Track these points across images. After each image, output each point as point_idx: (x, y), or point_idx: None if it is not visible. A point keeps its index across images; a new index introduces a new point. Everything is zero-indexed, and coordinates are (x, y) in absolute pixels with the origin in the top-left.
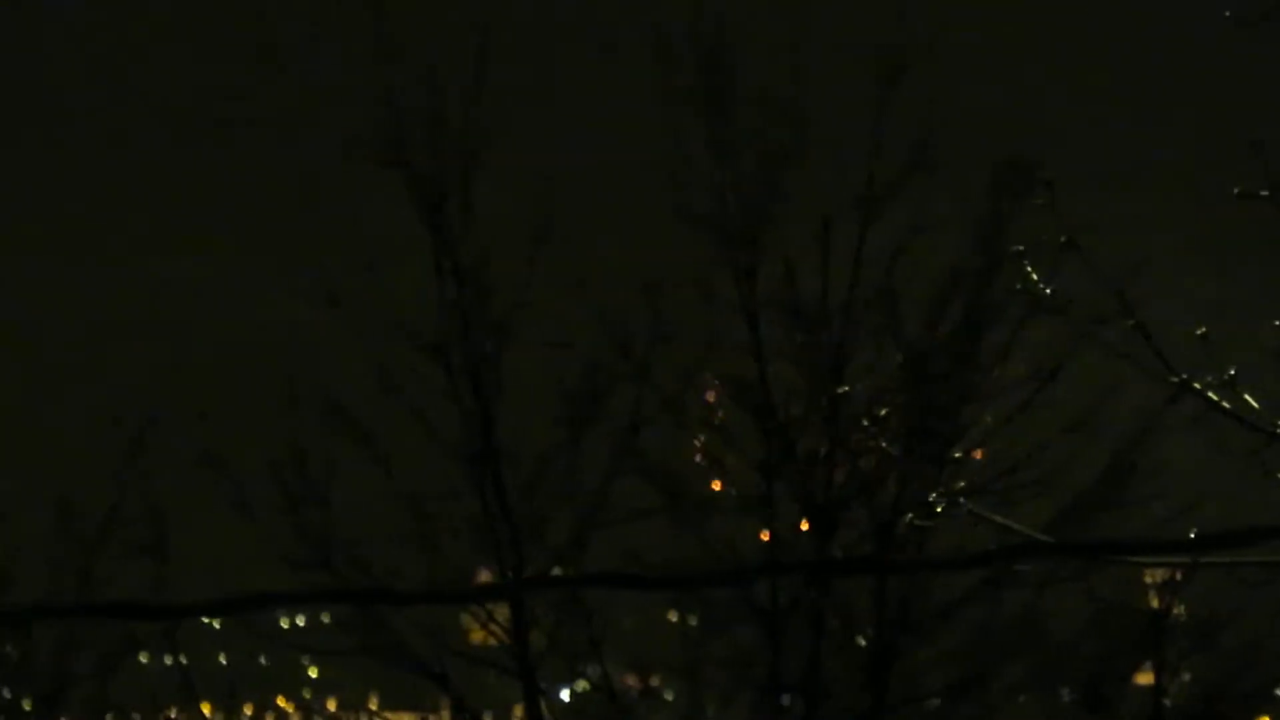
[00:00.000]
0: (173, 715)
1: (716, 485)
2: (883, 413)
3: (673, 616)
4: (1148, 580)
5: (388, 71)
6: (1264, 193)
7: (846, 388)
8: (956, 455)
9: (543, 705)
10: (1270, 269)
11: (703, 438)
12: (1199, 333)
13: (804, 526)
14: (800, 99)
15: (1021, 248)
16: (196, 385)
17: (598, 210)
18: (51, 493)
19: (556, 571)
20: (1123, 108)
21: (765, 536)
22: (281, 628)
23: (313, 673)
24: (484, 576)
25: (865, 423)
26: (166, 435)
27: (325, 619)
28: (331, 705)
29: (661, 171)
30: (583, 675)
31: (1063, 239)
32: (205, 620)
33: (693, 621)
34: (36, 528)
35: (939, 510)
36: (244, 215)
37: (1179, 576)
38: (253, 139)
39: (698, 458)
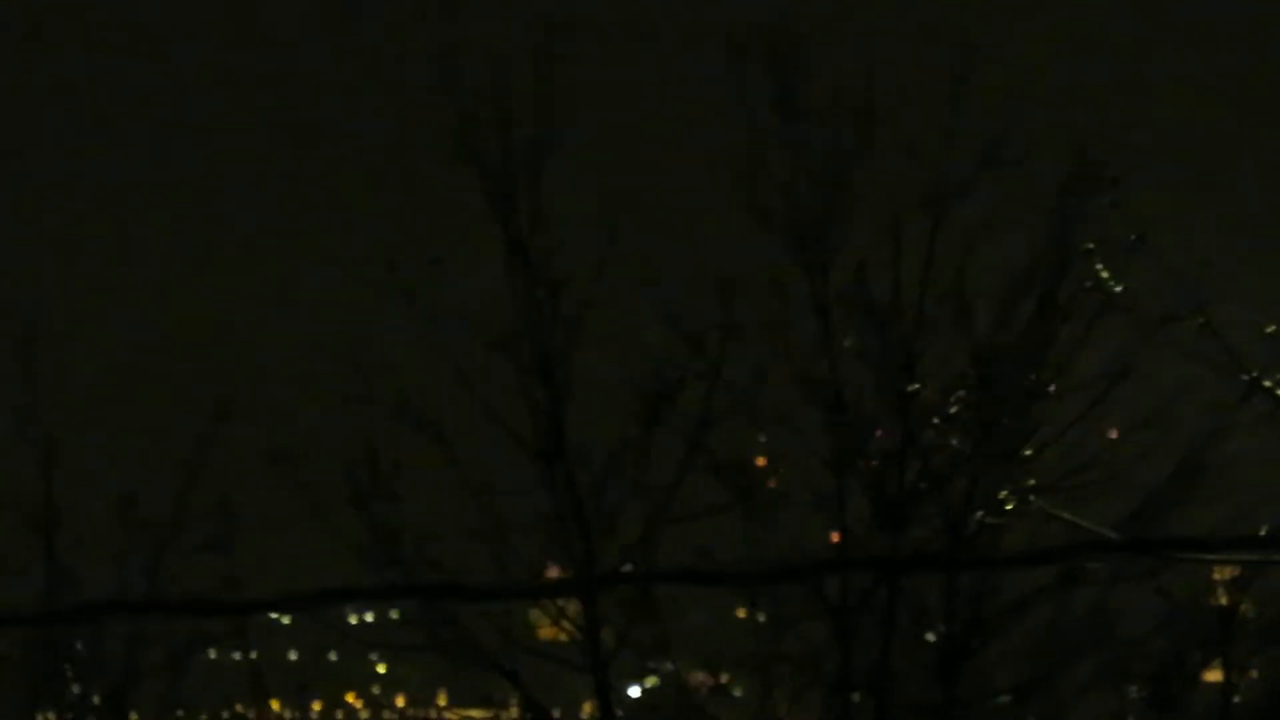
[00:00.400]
0: (242, 711)
1: (771, 483)
2: (953, 410)
3: (742, 613)
4: (1217, 577)
5: (460, 71)
6: None
7: (917, 385)
8: (1027, 453)
9: (613, 702)
10: None
11: (771, 435)
12: (1269, 330)
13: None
14: (872, 98)
15: (1092, 245)
16: (268, 382)
17: (669, 207)
18: (121, 487)
19: (627, 568)
20: (1195, 103)
21: (836, 534)
22: (351, 624)
23: (381, 669)
24: (553, 573)
25: (936, 420)
26: (237, 431)
27: (395, 615)
28: (400, 701)
29: (734, 169)
30: (653, 672)
31: (1132, 237)
32: (274, 616)
33: (762, 618)
34: (103, 523)
35: (1009, 507)
36: (314, 212)
37: (1248, 574)
38: (324, 137)
39: (762, 460)
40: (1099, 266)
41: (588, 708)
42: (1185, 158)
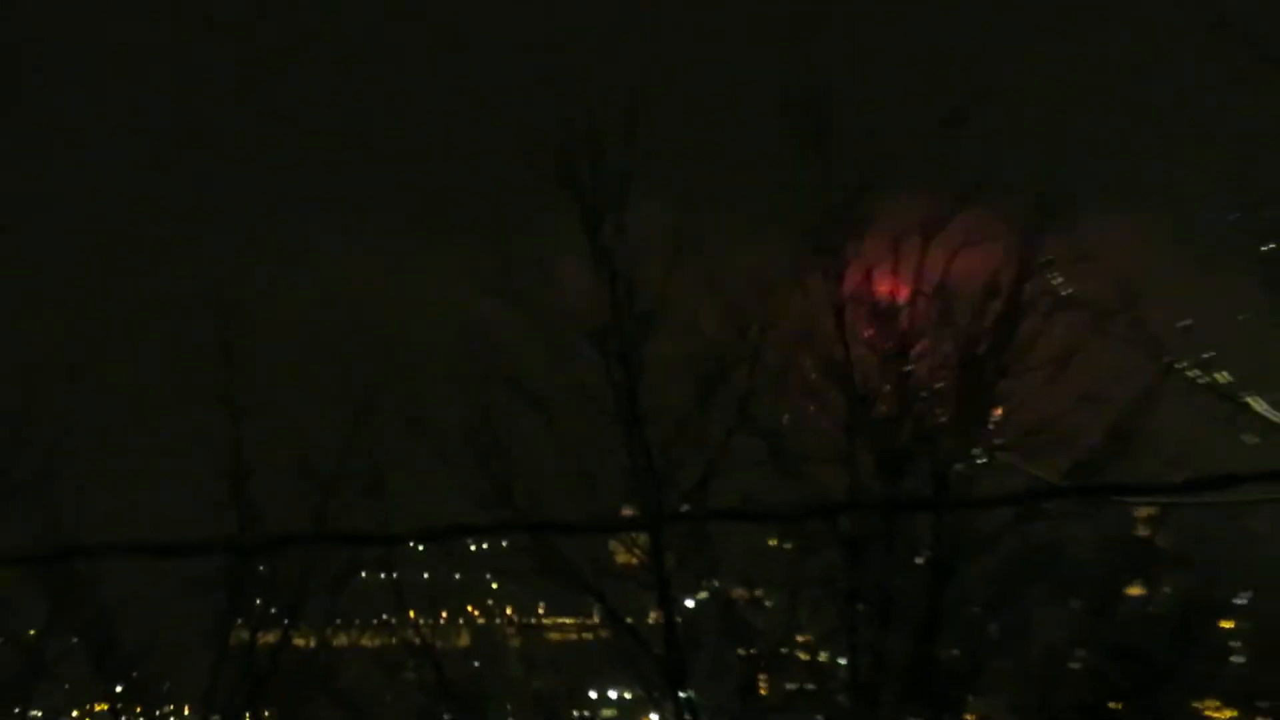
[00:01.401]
0: (387, 619)
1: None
2: (938, 386)
3: (774, 543)
4: (1140, 515)
5: (562, 107)
6: (1235, 216)
7: (911, 366)
8: (996, 419)
9: (673, 611)
10: (1243, 274)
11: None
12: (1182, 324)
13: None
14: (880, 142)
15: (1047, 259)
16: (406, 365)
17: (723, 225)
18: (296, 447)
19: (685, 509)
20: (1139, 136)
21: (848, 481)
22: (471, 551)
23: (494, 586)
24: (627, 512)
25: (925, 394)
26: (388, 403)
27: (504, 545)
28: (509, 611)
29: (774, 196)
30: (704, 588)
31: (1080, 254)
32: (412, 546)
33: (789, 547)
34: (283, 475)
35: (982, 461)
36: (441, 231)
37: (1163, 513)
38: (444, 166)
39: (786, 417)
40: (1052, 276)
41: (653, 616)
42: (1133, 180)
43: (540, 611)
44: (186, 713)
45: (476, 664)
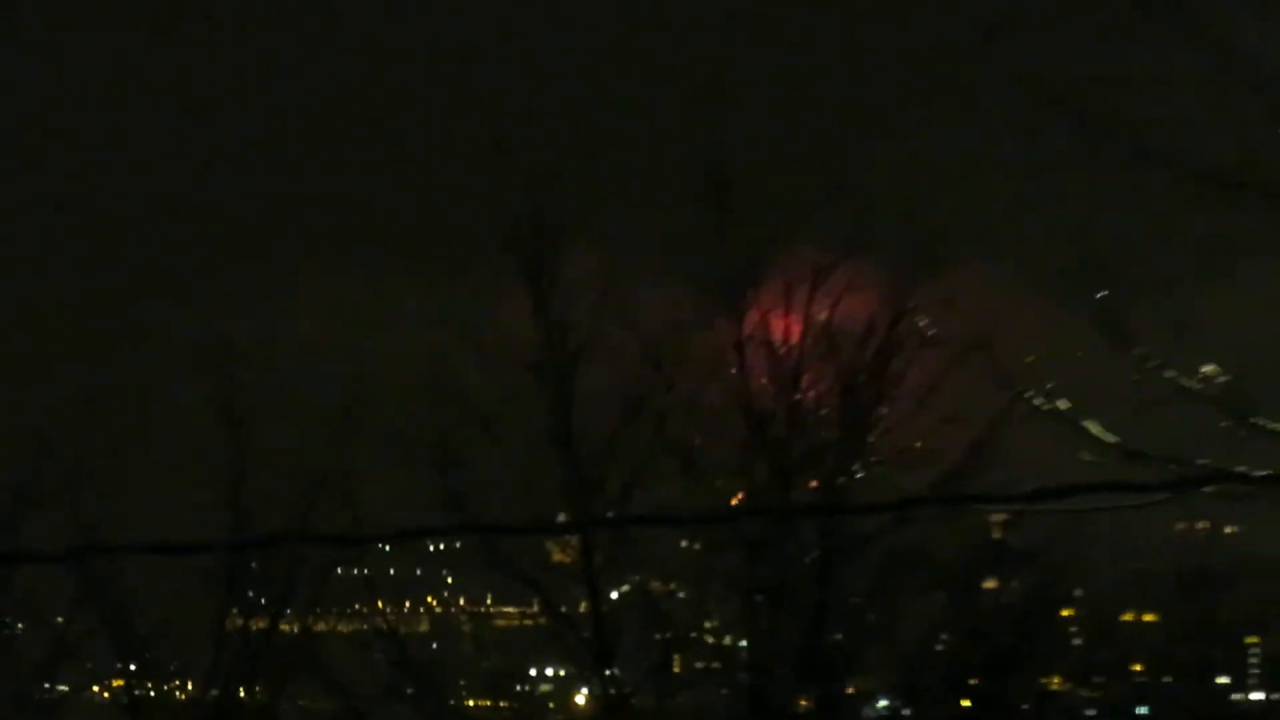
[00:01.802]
0: (360, 609)
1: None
2: (824, 411)
3: (685, 544)
4: (994, 521)
5: (507, 174)
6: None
7: (801, 395)
8: (872, 439)
9: (600, 601)
10: (1080, 317)
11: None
12: (1029, 359)
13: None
14: (775, 202)
15: (913, 305)
16: (378, 388)
17: (644, 270)
18: (284, 460)
19: (611, 514)
20: (1000, 195)
21: (747, 491)
22: (430, 550)
23: (449, 580)
24: (562, 517)
25: (812, 418)
26: (358, 422)
27: (458, 545)
28: (461, 601)
29: (687, 246)
30: (626, 582)
31: (944, 299)
32: (381, 546)
33: (698, 547)
34: (270, 485)
35: (860, 475)
36: (410, 259)
37: (1014, 518)
38: (414, 208)
39: (698, 440)
40: (919, 318)
41: (584, 605)
42: (988, 232)
43: (488, 601)
44: (190, 687)
45: (435, 645)
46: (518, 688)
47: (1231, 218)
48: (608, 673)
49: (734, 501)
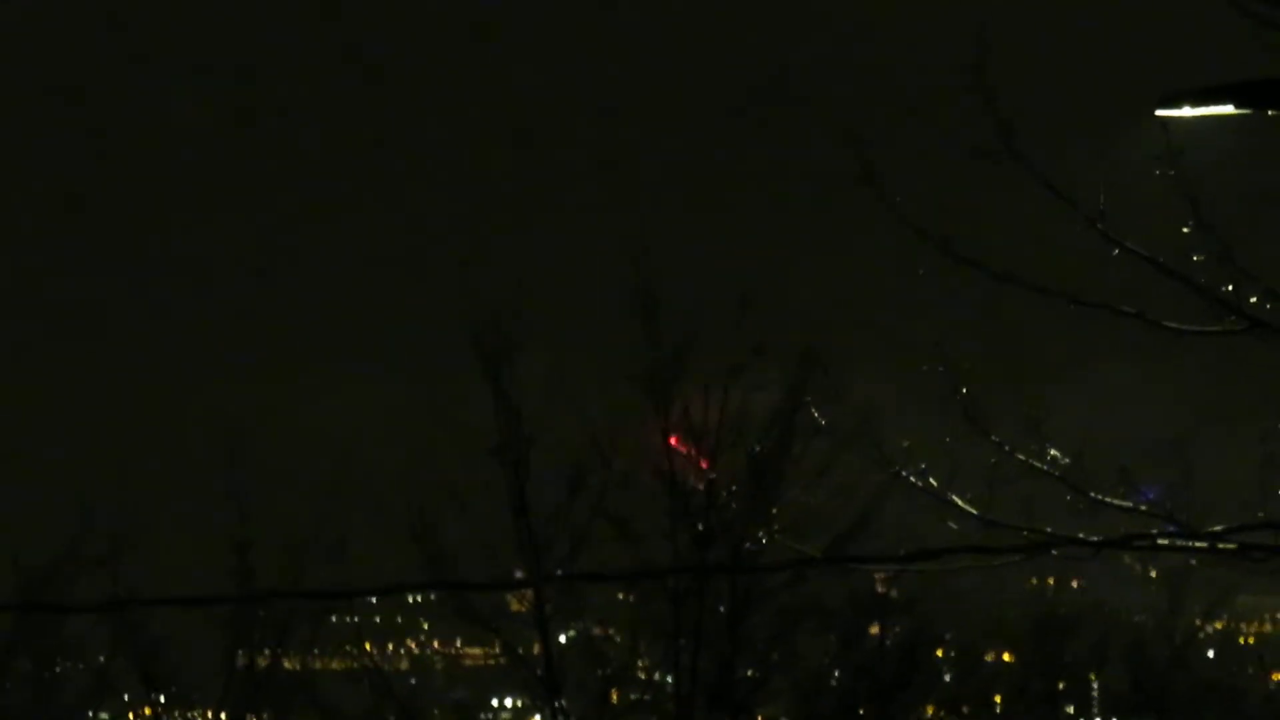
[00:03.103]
0: (349, 650)
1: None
2: (734, 487)
3: (621, 595)
4: (878, 577)
5: (469, 284)
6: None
7: (715, 474)
8: (775, 510)
9: (550, 644)
10: (947, 409)
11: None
12: (904, 444)
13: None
14: (695, 311)
15: (808, 399)
16: (366, 466)
17: (586, 366)
18: (290, 529)
19: (559, 572)
20: (891, 299)
21: (672, 552)
22: (409, 601)
23: (425, 626)
24: (519, 574)
25: (725, 492)
26: (349, 493)
27: (433, 597)
28: (435, 644)
29: (621, 347)
30: (572, 627)
31: (833, 393)
32: (368, 599)
33: (632, 599)
34: (272, 548)
35: (764, 540)
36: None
37: (893, 574)
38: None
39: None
40: (814, 411)
41: (536, 647)
42: (878, 336)
43: (458, 644)
44: (209, 716)
45: (413, 680)
46: (482, 715)
47: (1074, 328)
48: (557, 704)
49: (660, 561)
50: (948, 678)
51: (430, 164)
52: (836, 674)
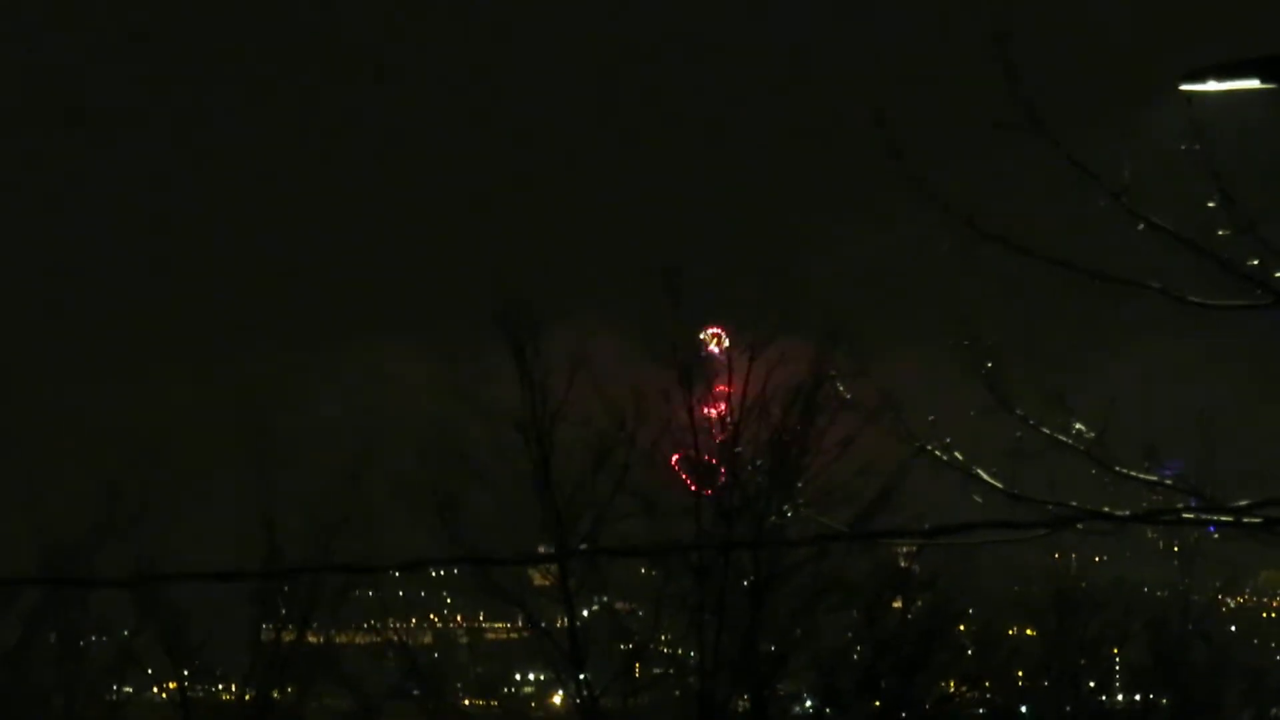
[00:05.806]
0: (373, 624)
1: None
2: (759, 462)
3: (644, 570)
4: (900, 551)
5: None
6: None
7: (740, 449)
8: (799, 485)
9: (575, 618)
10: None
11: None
12: (929, 419)
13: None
14: (720, 292)
15: (832, 373)
16: (394, 443)
17: (612, 346)
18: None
19: (583, 546)
20: (909, 282)
21: (695, 528)
22: (433, 576)
23: (449, 601)
24: (543, 549)
25: (749, 467)
26: (377, 471)
27: (456, 572)
28: (459, 618)
29: (647, 329)
30: (596, 602)
31: (857, 368)
32: (393, 573)
33: (655, 573)
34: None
35: (789, 514)
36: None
37: (917, 550)
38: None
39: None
40: (838, 385)
41: (560, 621)
42: (902, 317)
43: (481, 618)
44: (234, 688)
45: (437, 655)
46: (505, 689)
47: (1100, 305)
48: (580, 677)
49: (684, 536)
50: (970, 652)
51: (457, 144)
52: (859, 649)
